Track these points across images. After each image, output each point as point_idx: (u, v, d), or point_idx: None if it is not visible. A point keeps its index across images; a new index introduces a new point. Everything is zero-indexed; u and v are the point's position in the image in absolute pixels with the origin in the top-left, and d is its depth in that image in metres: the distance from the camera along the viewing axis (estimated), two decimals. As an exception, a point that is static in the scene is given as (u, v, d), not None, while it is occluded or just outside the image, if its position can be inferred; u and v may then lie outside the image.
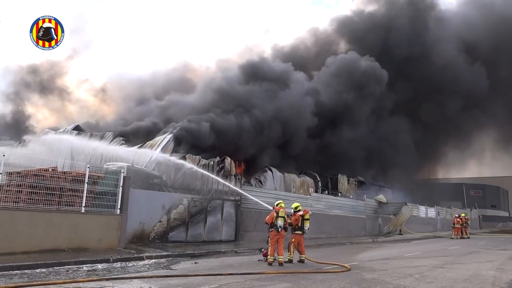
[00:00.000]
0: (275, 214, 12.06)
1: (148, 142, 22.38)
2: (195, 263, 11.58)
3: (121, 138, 24.16)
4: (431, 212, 38.23)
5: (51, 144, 21.50)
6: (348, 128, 33.77)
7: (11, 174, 11.35)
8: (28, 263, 9.33)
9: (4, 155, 11.04)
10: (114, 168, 13.94)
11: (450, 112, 40.90)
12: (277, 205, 12.39)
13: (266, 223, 12.32)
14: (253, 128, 26.51)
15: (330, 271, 10.62)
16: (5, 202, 10.76)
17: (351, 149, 33.38)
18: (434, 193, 47.59)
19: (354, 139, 33.39)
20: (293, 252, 12.55)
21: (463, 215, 30.81)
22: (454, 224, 29.70)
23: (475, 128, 47.02)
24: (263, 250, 12.75)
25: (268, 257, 11.76)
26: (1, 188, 10.74)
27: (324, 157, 32.41)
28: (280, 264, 11.51)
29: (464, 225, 30.15)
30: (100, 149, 20.99)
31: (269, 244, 11.85)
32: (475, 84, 39.92)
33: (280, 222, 11.91)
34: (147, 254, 12.02)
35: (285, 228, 12.12)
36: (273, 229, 11.99)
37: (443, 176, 58.50)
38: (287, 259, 12.19)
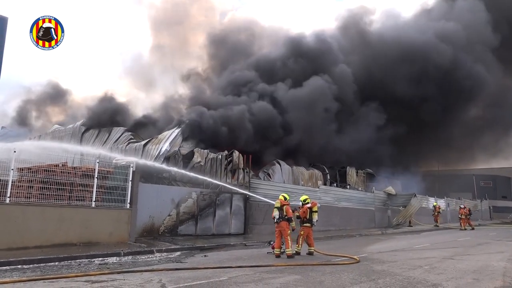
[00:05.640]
0: None
1: (157, 136, 22.43)
2: (205, 256, 11.67)
3: (130, 133, 24.27)
4: (441, 203, 37.96)
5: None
6: (356, 122, 33.56)
7: (22, 170, 11.51)
8: (40, 257, 9.48)
9: (15, 151, 11.19)
10: (123, 163, 14.06)
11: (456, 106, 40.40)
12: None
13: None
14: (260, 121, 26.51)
15: (339, 263, 10.64)
16: (17, 197, 10.93)
17: (359, 141, 33.14)
18: (443, 184, 47.17)
19: (363, 132, 33.16)
20: (301, 244, 12.56)
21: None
22: (461, 215, 29.55)
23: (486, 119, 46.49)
24: (272, 243, 12.79)
25: (274, 249, 11.83)
26: (13, 184, 10.90)
27: (333, 149, 32.24)
28: (289, 256, 11.54)
29: (469, 216, 30.04)
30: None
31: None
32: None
33: (275, 213, 12.02)
34: (157, 247, 12.14)
35: (288, 220, 12.03)
36: None
37: (453, 167, 57.89)
38: (295, 251, 12.22)
